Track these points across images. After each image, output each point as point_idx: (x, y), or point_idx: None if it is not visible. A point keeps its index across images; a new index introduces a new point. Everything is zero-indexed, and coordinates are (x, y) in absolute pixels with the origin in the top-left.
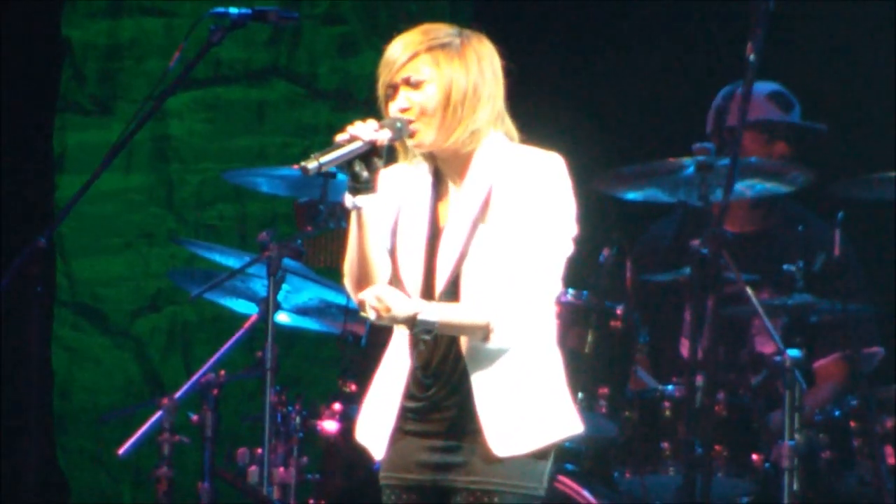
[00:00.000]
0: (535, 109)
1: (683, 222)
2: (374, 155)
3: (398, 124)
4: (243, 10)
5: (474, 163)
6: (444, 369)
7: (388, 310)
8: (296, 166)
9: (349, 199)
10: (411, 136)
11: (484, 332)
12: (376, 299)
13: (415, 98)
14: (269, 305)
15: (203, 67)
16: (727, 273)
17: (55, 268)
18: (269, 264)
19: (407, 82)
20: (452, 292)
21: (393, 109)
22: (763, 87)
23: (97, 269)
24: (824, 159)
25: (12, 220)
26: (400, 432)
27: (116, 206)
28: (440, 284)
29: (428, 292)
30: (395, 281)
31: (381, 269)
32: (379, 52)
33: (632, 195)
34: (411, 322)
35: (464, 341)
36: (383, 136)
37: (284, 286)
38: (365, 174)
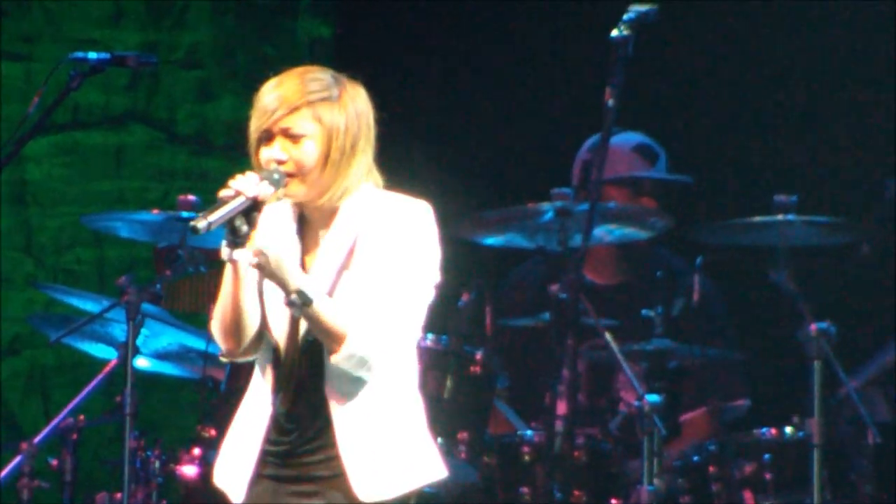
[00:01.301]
0: (393, 153)
1: (546, 268)
2: (255, 209)
3: (275, 175)
4: (102, 55)
5: (342, 212)
6: (307, 413)
7: (277, 264)
8: (190, 225)
9: (226, 252)
10: (285, 186)
11: (337, 340)
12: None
13: (293, 152)
14: (127, 350)
15: (61, 112)
16: (586, 319)
17: None
18: (127, 309)
19: (285, 133)
20: (317, 347)
21: (266, 156)
22: (628, 140)
23: None
24: (686, 204)
25: None
26: (259, 476)
27: None
28: (304, 328)
29: (293, 341)
30: (265, 328)
31: (253, 317)
32: (237, 97)
33: (491, 240)
34: (291, 289)
35: (328, 385)
36: (265, 192)
37: (143, 331)
38: (245, 228)
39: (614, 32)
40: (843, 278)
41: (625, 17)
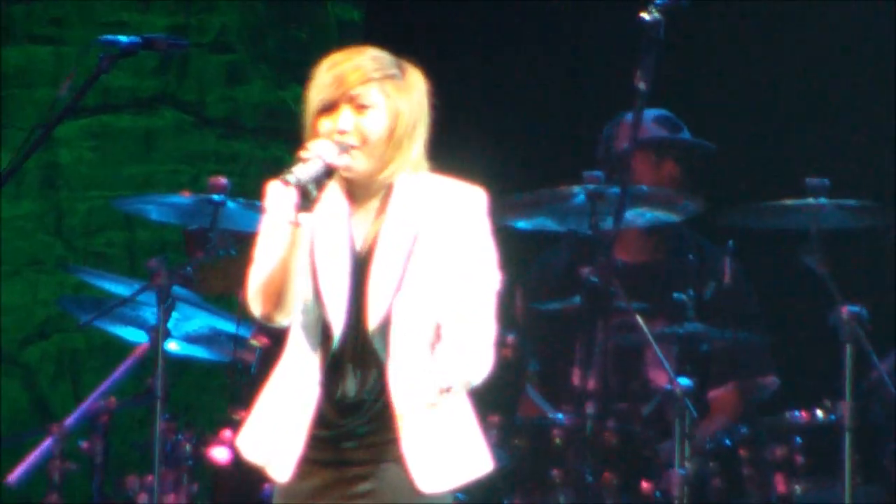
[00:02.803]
0: (430, 136)
1: (574, 251)
2: (327, 176)
3: (341, 146)
4: (133, 39)
5: (397, 193)
6: (368, 398)
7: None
8: (280, 178)
9: (291, 216)
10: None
11: (483, 374)
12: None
13: (360, 122)
14: (158, 333)
15: (92, 95)
16: (618, 302)
17: None
18: (158, 292)
19: (352, 102)
20: (384, 329)
21: (327, 126)
22: (650, 112)
23: None
24: (717, 187)
25: None
26: (306, 459)
27: (5, 234)
28: (373, 320)
29: (356, 324)
30: (317, 305)
31: (299, 283)
32: (267, 80)
33: (522, 224)
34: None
35: (391, 368)
36: (341, 161)
37: (174, 314)
38: (314, 193)
39: (645, 15)
40: (875, 261)
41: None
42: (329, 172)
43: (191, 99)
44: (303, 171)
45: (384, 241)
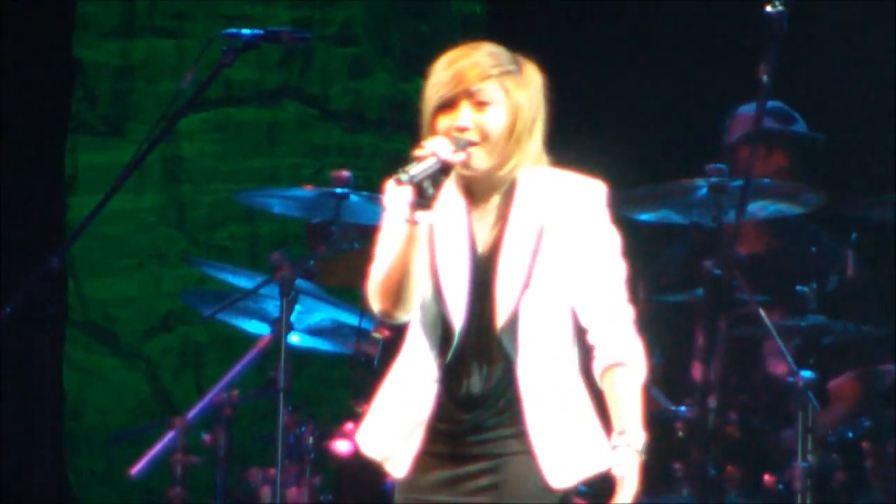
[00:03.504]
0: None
1: (697, 244)
2: (443, 173)
3: (461, 143)
4: (256, 32)
5: (520, 189)
6: (494, 392)
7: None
8: (395, 177)
9: (408, 214)
10: (468, 156)
11: (643, 374)
12: None
13: (479, 119)
14: (281, 326)
15: (214, 88)
16: (739, 294)
17: (67, 288)
18: (281, 285)
19: (473, 100)
20: (512, 326)
21: (447, 123)
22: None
23: (109, 289)
24: (840, 180)
25: (25, 240)
26: (425, 454)
27: (128, 227)
28: (501, 317)
29: (480, 322)
30: (436, 303)
31: (418, 280)
32: (391, 73)
33: (645, 216)
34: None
35: (520, 363)
36: (457, 158)
37: (297, 307)
38: (431, 191)
39: (769, 7)
40: None
41: None
42: (445, 169)
43: (314, 92)
44: (417, 169)
45: (510, 237)
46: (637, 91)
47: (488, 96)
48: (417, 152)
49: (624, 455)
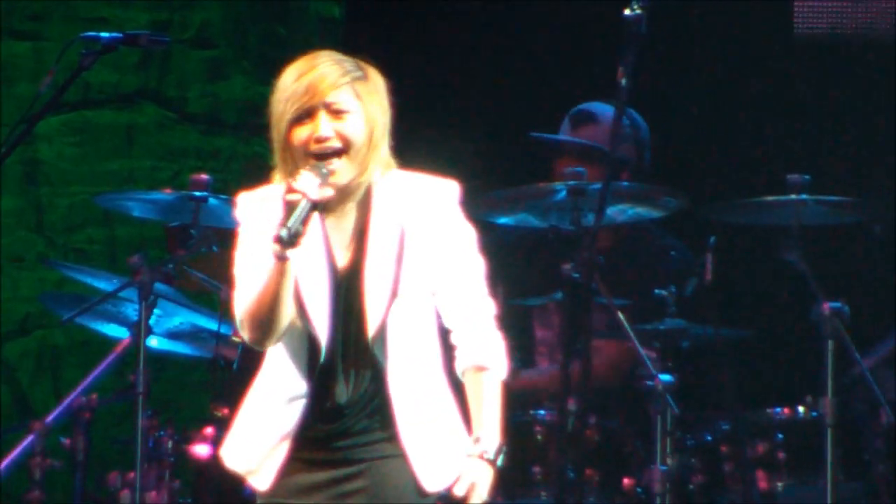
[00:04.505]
0: (405, 134)
1: (556, 247)
2: (314, 209)
3: (323, 170)
4: (114, 35)
5: (376, 195)
6: (361, 399)
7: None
8: (274, 242)
9: (277, 251)
10: (331, 175)
11: (501, 376)
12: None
13: (340, 126)
14: (140, 329)
15: (72, 91)
16: (599, 298)
17: None
18: (140, 288)
19: (328, 108)
20: (382, 335)
21: (304, 135)
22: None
23: None
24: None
25: None
26: (292, 460)
27: None
28: (372, 328)
29: (347, 335)
30: (300, 319)
31: (288, 311)
32: (248, 76)
33: (504, 220)
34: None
35: (390, 371)
36: (327, 194)
37: (156, 310)
38: (301, 229)
39: (627, 11)
40: (856, 258)
41: None
42: (315, 207)
43: (172, 95)
44: (293, 220)
45: (373, 247)
46: (494, 95)
47: (344, 105)
48: (288, 197)
49: (474, 464)
